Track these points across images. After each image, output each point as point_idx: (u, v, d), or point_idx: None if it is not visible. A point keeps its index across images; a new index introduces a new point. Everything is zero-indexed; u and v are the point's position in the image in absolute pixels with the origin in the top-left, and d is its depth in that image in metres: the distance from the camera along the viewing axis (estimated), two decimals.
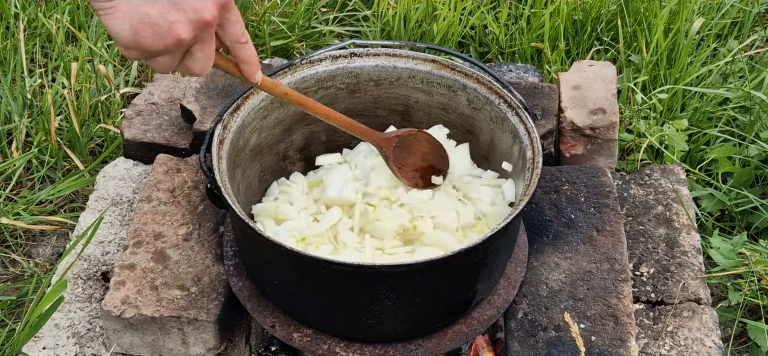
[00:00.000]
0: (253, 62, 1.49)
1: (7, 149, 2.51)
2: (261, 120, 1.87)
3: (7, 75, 2.66)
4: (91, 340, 1.88)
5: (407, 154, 1.82)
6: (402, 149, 1.81)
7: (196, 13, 1.31)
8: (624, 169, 2.39)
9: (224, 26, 1.39)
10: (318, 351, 1.70)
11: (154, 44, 1.29)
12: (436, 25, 2.90)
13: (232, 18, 1.40)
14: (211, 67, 1.40)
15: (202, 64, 1.38)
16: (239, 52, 1.46)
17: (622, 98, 2.60)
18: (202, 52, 1.37)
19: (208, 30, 1.34)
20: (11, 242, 2.28)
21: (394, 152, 1.80)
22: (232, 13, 1.40)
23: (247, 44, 1.46)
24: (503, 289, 1.79)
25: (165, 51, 1.31)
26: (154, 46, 1.29)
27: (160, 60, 1.33)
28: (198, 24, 1.31)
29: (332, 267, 1.56)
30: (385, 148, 1.80)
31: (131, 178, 2.25)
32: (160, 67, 1.34)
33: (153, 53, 1.31)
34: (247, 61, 1.48)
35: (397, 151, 1.81)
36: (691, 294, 1.95)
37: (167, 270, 1.86)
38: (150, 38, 1.28)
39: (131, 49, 1.30)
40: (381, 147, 1.80)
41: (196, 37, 1.33)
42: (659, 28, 2.70)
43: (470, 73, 1.89)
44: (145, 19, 1.27)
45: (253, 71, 1.50)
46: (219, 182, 1.64)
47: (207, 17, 1.32)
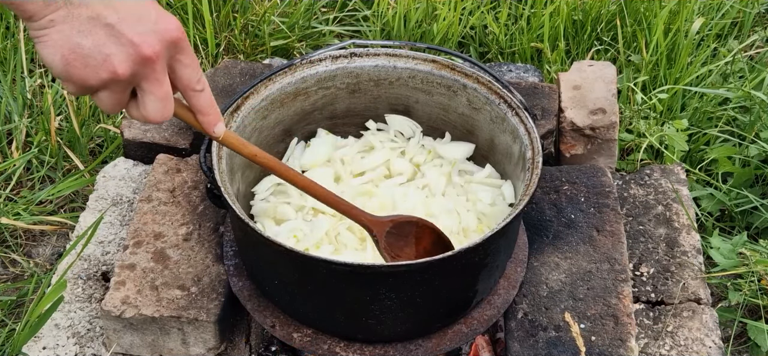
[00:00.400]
0: (210, 113, 1.35)
1: (7, 149, 2.51)
2: (261, 120, 1.87)
3: (7, 75, 2.66)
4: (91, 340, 1.88)
5: (405, 243, 1.64)
6: (398, 236, 1.63)
7: (135, 48, 1.19)
8: (624, 169, 2.39)
9: (175, 69, 1.26)
10: (318, 351, 1.70)
11: (87, 78, 1.18)
12: (436, 25, 2.89)
13: (183, 60, 1.27)
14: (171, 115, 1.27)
15: (158, 109, 1.25)
16: (194, 101, 1.32)
17: (622, 98, 2.60)
18: (153, 94, 1.24)
19: (150, 67, 1.21)
20: (11, 242, 2.28)
21: (386, 239, 1.62)
22: (184, 55, 1.26)
23: (204, 92, 1.32)
24: (503, 289, 1.79)
25: (101, 86, 1.20)
26: (88, 80, 1.18)
27: (102, 96, 1.22)
28: (137, 59, 1.19)
29: (332, 266, 1.56)
30: (377, 232, 1.61)
31: (131, 178, 2.25)
32: (103, 105, 1.23)
33: (88, 88, 1.20)
34: (202, 111, 1.34)
35: (391, 238, 1.62)
36: (691, 294, 1.95)
37: (167, 270, 1.86)
38: (81, 70, 1.18)
39: (66, 81, 1.20)
40: (371, 231, 1.62)
41: (136, 75, 1.21)
42: (659, 28, 2.70)
43: (470, 73, 1.89)
44: (77, 49, 1.17)
45: (211, 123, 1.36)
46: (219, 182, 1.64)
47: (147, 52, 1.20)
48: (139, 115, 1.27)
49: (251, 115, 1.83)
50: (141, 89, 1.24)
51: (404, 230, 1.66)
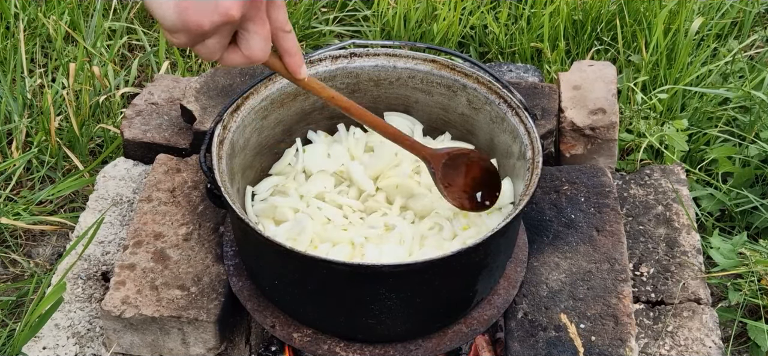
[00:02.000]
0: (297, 54, 1.39)
1: (7, 149, 2.51)
2: (261, 120, 1.87)
3: (7, 75, 2.66)
4: (91, 340, 1.88)
5: (456, 173, 1.74)
6: (452, 167, 1.73)
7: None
8: (624, 169, 2.39)
9: (269, 10, 1.30)
10: (318, 351, 1.70)
11: (202, 22, 1.20)
12: (436, 25, 2.90)
13: (277, 1, 1.31)
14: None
15: (261, 48, 1.29)
16: (283, 42, 1.36)
17: (622, 98, 2.60)
18: (257, 33, 1.28)
19: (257, 6, 1.25)
20: (11, 242, 2.28)
21: (442, 170, 1.72)
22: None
23: (292, 34, 1.37)
24: (503, 289, 1.79)
25: (213, 30, 1.22)
26: (202, 25, 1.21)
27: (209, 43, 1.25)
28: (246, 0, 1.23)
29: (332, 266, 1.56)
30: (434, 164, 1.71)
31: (131, 178, 2.25)
32: (208, 51, 1.26)
33: (200, 34, 1.22)
34: (291, 52, 1.38)
35: (446, 168, 1.73)
36: (691, 294, 1.95)
37: (167, 270, 1.86)
38: (196, 15, 1.20)
39: (178, 31, 1.21)
40: (429, 163, 1.72)
41: (245, 16, 1.25)
42: (659, 28, 2.70)
43: (470, 73, 1.89)
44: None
45: (298, 64, 1.40)
46: (219, 182, 1.64)
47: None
48: (239, 58, 1.29)
49: (251, 115, 1.83)
50: (246, 30, 1.27)
51: (457, 162, 1.74)
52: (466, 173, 1.75)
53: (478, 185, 1.76)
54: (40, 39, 2.87)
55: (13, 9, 2.91)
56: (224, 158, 1.71)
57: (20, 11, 2.89)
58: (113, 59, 2.82)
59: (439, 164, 1.71)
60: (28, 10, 2.93)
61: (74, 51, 2.80)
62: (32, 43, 2.85)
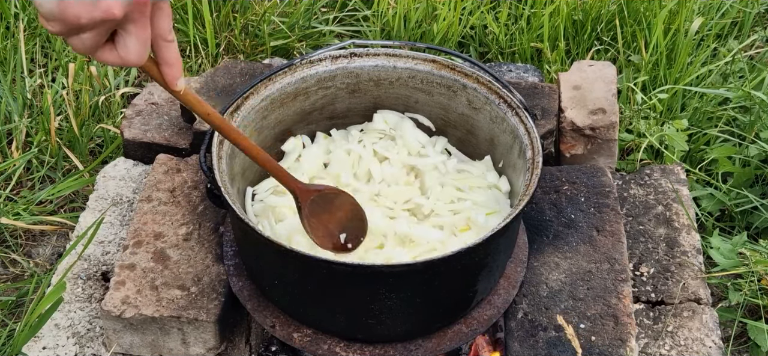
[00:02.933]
0: (175, 65, 1.34)
1: (7, 149, 2.51)
2: (261, 120, 1.87)
3: (7, 75, 2.66)
4: (91, 340, 1.88)
5: (323, 211, 1.69)
6: (320, 205, 1.69)
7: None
8: (624, 169, 2.39)
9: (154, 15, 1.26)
10: (318, 351, 1.70)
11: (81, 16, 1.16)
12: (436, 25, 2.90)
13: (164, 7, 1.26)
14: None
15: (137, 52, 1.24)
16: (164, 52, 1.31)
17: (622, 98, 2.60)
18: (137, 37, 1.23)
19: (141, 10, 1.21)
20: (11, 242, 2.28)
21: (309, 206, 1.67)
22: (165, 4, 1.26)
23: (173, 44, 1.32)
24: (503, 289, 1.79)
25: (90, 25, 1.18)
26: (80, 18, 1.16)
27: (84, 37, 1.20)
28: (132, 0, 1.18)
29: (332, 266, 1.56)
30: (302, 200, 1.66)
31: (131, 178, 2.25)
32: (81, 45, 1.21)
33: (76, 27, 1.18)
34: (170, 62, 1.33)
35: (314, 206, 1.68)
36: (691, 294, 1.95)
37: (167, 270, 1.86)
38: (75, 7, 1.15)
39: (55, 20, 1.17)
40: (297, 198, 1.66)
41: (127, 17, 1.20)
42: (659, 28, 2.70)
43: (470, 73, 1.89)
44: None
45: (175, 76, 1.35)
46: (219, 182, 1.64)
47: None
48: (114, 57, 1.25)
49: (251, 115, 1.83)
50: (126, 31, 1.23)
51: (327, 199, 1.70)
52: (334, 213, 1.71)
53: (344, 227, 1.72)
54: (40, 39, 2.87)
55: (13, 9, 2.91)
56: (224, 158, 1.71)
57: (20, 11, 2.88)
58: None
59: (307, 200, 1.66)
60: (28, 10, 2.93)
61: (74, 51, 2.80)
62: (32, 43, 2.85)
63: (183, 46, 2.97)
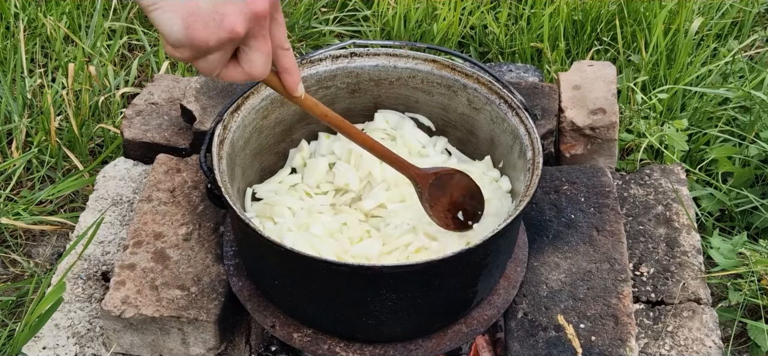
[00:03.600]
0: (295, 72, 1.41)
1: (7, 149, 2.51)
2: (261, 120, 1.87)
3: (7, 75, 2.66)
4: (91, 340, 1.88)
5: (442, 193, 1.74)
6: (438, 187, 1.74)
7: (248, 6, 1.23)
8: (624, 169, 2.39)
9: (271, 27, 1.32)
10: (318, 351, 1.70)
11: (207, 38, 1.22)
12: (436, 25, 2.90)
13: (278, 18, 1.33)
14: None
15: (262, 64, 1.30)
16: (282, 60, 1.37)
17: (622, 98, 2.60)
18: (260, 50, 1.29)
19: (261, 24, 1.27)
20: (11, 242, 2.28)
21: (429, 190, 1.72)
22: (279, 13, 1.32)
23: (290, 52, 1.38)
24: (503, 289, 1.79)
25: (217, 47, 1.24)
26: (207, 41, 1.22)
27: (211, 58, 1.26)
28: (251, 17, 1.24)
29: (332, 267, 1.56)
30: (421, 184, 1.72)
31: (131, 178, 2.25)
32: (209, 66, 1.27)
33: (204, 50, 1.23)
34: (290, 70, 1.40)
35: (433, 189, 1.73)
36: (691, 294, 1.95)
37: (167, 270, 1.86)
38: (203, 32, 1.21)
39: (183, 46, 1.22)
40: (417, 182, 1.72)
41: (249, 33, 1.26)
42: (659, 28, 2.70)
43: (470, 73, 1.89)
44: (197, 11, 1.20)
45: (295, 82, 1.42)
46: (219, 182, 1.64)
47: (259, 9, 1.24)
48: (239, 74, 1.30)
49: (251, 114, 1.83)
50: (249, 46, 1.28)
51: (443, 181, 1.74)
52: (451, 193, 1.75)
53: (461, 205, 1.77)
54: (40, 39, 2.87)
55: (13, 9, 2.91)
56: (224, 158, 1.71)
57: (20, 11, 2.88)
58: (113, 59, 2.82)
59: (427, 184, 1.72)
60: (28, 10, 2.93)
61: (74, 51, 2.80)
62: (32, 43, 2.85)
63: None
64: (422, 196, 1.73)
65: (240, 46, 1.29)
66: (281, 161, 1.98)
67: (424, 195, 1.72)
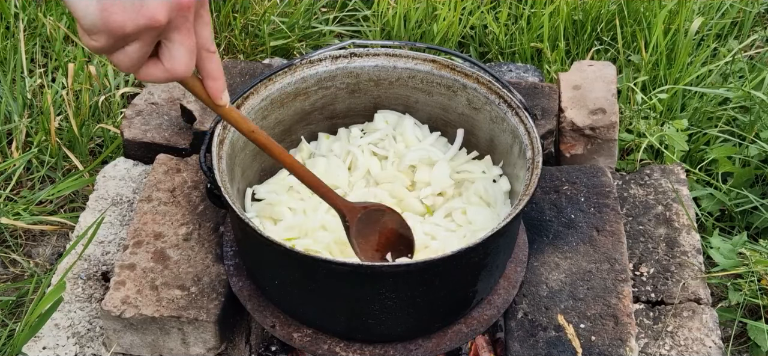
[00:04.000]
0: (220, 78, 1.29)
1: (7, 149, 2.51)
2: (261, 120, 1.87)
3: (7, 75, 2.66)
4: (91, 340, 1.88)
5: (371, 230, 1.68)
6: (367, 223, 1.67)
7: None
8: (624, 169, 2.39)
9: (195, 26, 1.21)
10: (318, 351, 1.70)
11: (124, 23, 1.11)
12: (436, 25, 2.90)
13: (204, 16, 1.22)
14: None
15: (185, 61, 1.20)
16: (207, 64, 1.27)
17: (622, 98, 2.60)
18: (183, 44, 1.19)
19: (185, 15, 1.17)
20: (11, 242, 2.28)
21: (357, 225, 1.66)
22: (206, 12, 1.22)
23: (215, 56, 1.27)
24: (503, 289, 1.79)
25: (135, 34, 1.14)
26: (124, 26, 1.12)
27: (129, 50, 1.16)
28: (175, 5, 1.14)
29: (332, 266, 1.56)
30: (349, 218, 1.64)
31: (131, 178, 2.25)
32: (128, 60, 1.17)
33: (121, 37, 1.13)
34: (214, 75, 1.29)
35: (361, 224, 1.66)
36: (691, 294, 1.95)
37: (167, 270, 1.86)
38: (120, 16, 1.11)
39: (98, 32, 1.13)
40: (344, 216, 1.65)
41: (171, 24, 1.16)
42: (659, 28, 2.70)
43: (470, 73, 1.89)
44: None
45: (220, 89, 1.30)
46: (219, 182, 1.64)
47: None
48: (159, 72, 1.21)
49: (251, 115, 1.83)
50: (170, 40, 1.19)
51: (373, 218, 1.68)
52: (379, 231, 1.69)
53: (390, 245, 1.71)
54: (40, 39, 2.87)
55: (13, 9, 2.91)
56: (224, 158, 1.71)
57: (20, 11, 2.88)
58: None
59: (354, 218, 1.65)
60: (28, 10, 2.93)
61: (74, 51, 2.80)
62: (32, 43, 2.85)
63: None
64: (349, 231, 1.65)
65: (161, 40, 1.19)
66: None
67: (351, 230, 1.65)
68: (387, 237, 1.71)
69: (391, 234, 1.71)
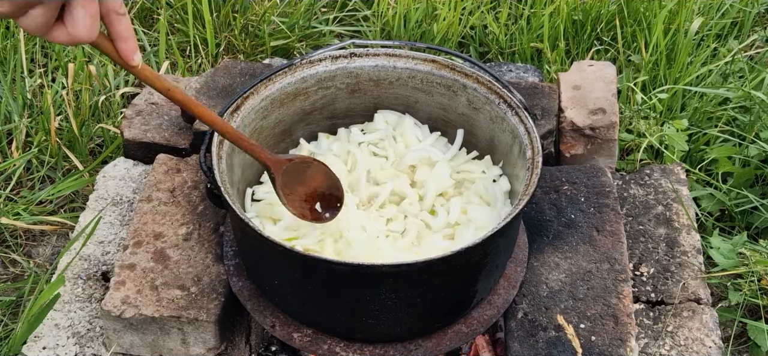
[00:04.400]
0: (130, 39, 1.31)
1: (7, 149, 2.51)
2: (261, 120, 1.87)
3: (7, 75, 2.66)
4: (91, 340, 1.88)
5: (298, 182, 1.71)
6: (293, 175, 1.70)
7: None
8: (624, 169, 2.39)
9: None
10: (318, 351, 1.70)
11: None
12: (436, 25, 2.90)
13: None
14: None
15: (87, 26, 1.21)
16: (116, 26, 1.28)
17: (622, 98, 2.60)
18: (84, 8, 1.19)
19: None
20: (11, 242, 2.28)
21: (283, 177, 1.68)
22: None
23: (126, 18, 1.28)
24: (503, 289, 1.79)
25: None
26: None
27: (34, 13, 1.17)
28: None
29: (332, 266, 1.56)
30: (274, 170, 1.67)
31: (131, 178, 2.25)
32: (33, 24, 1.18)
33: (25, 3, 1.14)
34: (124, 37, 1.30)
35: (286, 177, 1.69)
36: (691, 294, 1.95)
37: (167, 270, 1.86)
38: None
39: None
40: (269, 169, 1.68)
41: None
42: (659, 28, 2.70)
43: (470, 73, 1.89)
44: None
45: (131, 50, 1.32)
46: (219, 182, 1.64)
47: None
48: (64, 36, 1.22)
49: (251, 115, 1.83)
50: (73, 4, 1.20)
51: (298, 169, 1.71)
52: (308, 183, 1.72)
53: (320, 196, 1.74)
54: (40, 39, 2.87)
55: None
56: (224, 158, 1.71)
57: None
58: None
59: (280, 170, 1.67)
60: None
61: (74, 51, 2.81)
62: (32, 43, 2.85)
63: (183, 47, 2.97)
64: (275, 183, 1.68)
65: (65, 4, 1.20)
66: None
67: (277, 182, 1.68)
68: (315, 189, 1.73)
69: (320, 185, 1.73)
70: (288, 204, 1.70)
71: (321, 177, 1.74)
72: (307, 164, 1.72)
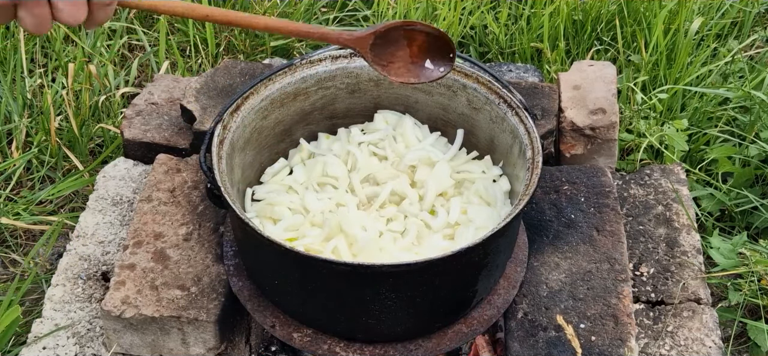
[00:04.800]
0: None
1: (7, 149, 2.51)
2: (261, 120, 1.87)
3: (7, 75, 2.66)
4: (91, 340, 1.88)
5: (395, 48, 1.58)
6: (384, 45, 1.57)
7: None
8: (624, 169, 2.39)
9: None
10: (318, 351, 1.70)
11: None
12: (436, 25, 2.89)
13: None
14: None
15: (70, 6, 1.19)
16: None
17: (622, 98, 2.60)
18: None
19: None
20: (11, 242, 2.28)
21: (373, 51, 1.57)
22: None
23: None
24: (503, 289, 1.79)
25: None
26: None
27: (21, 13, 1.18)
28: None
29: (332, 266, 1.56)
30: (361, 49, 1.56)
31: (131, 178, 2.25)
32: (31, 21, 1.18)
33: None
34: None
35: (378, 48, 1.57)
36: (691, 294, 1.95)
37: (167, 270, 1.86)
38: None
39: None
40: (355, 50, 1.57)
41: None
42: (659, 28, 2.70)
43: (470, 73, 1.89)
44: None
45: None
46: (219, 182, 1.64)
47: None
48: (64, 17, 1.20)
49: (251, 115, 1.83)
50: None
51: (391, 37, 1.59)
52: (407, 45, 1.59)
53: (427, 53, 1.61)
54: (40, 39, 2.87)
55: None
56: (224, 158, 1.71)
57: None
58: (113, 59, 2.82)
59: (366, 47, 1.55)
60: None
61: (74, 51, 2.81)
62: (32, 43, 2.85)
63: (183, 46, 2.97)
64: (368, 60, 1.57)
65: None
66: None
67: (368, 58, 1.56)
68: (419, 46, 1.61)
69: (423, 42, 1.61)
70: (390, 75, 1.58)
71: (420, 35, 1.60)
72: (395, 28, 1.58)
